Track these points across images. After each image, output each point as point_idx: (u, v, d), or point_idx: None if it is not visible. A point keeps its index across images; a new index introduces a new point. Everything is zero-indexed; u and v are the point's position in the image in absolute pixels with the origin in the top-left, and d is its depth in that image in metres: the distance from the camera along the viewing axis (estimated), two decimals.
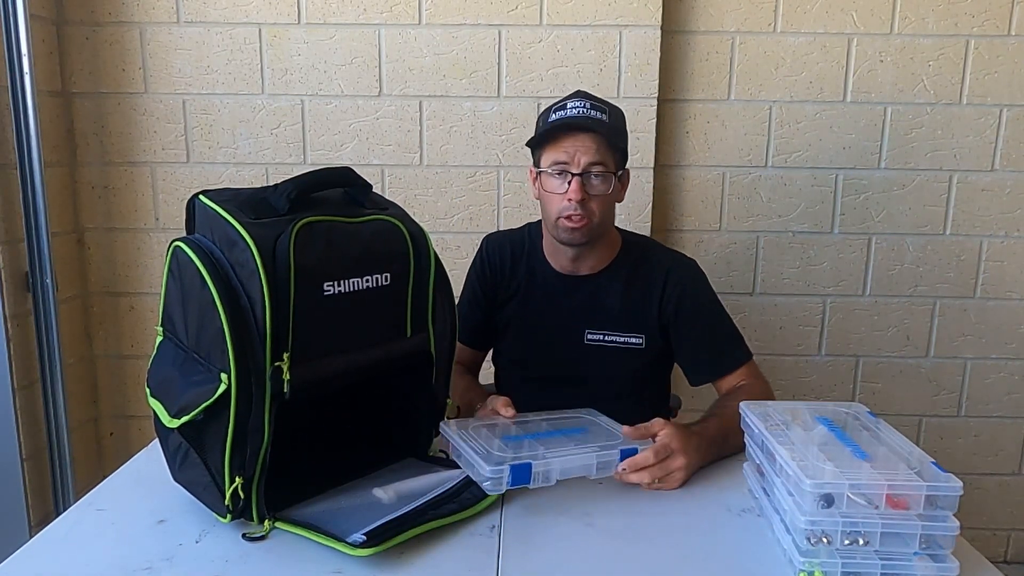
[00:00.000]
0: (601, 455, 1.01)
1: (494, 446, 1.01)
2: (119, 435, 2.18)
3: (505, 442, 1.03)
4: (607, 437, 1.07)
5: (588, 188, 1.29)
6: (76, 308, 2.07)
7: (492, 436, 1.05)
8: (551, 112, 1.36)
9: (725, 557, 0.87)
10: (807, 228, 2.11)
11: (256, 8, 1.96)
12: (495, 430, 1.08)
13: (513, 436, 1.06)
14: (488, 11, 1.94)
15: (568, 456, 0.99)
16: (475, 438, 1.03)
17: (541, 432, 1.09)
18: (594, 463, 1.00)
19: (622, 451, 1.02)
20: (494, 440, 1.03)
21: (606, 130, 1.30)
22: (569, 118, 1.31)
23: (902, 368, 2.18)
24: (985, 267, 2.12)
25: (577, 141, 1.29)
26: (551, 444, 1.03)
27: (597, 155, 1.28)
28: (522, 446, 1.02)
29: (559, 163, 1.30)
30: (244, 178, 2.04)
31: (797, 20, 2.00)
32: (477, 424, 1.11)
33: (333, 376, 0.94)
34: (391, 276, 0.98)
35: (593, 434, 1.09)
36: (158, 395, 0.94)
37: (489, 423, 1.12)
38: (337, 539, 0.85)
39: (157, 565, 0.84)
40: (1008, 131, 2.05)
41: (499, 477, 0.94)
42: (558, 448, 1.01)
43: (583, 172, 1.28)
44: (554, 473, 0.97)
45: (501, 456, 0.97)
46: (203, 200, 0.92)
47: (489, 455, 0.97)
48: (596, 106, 1.33)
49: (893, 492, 0.79)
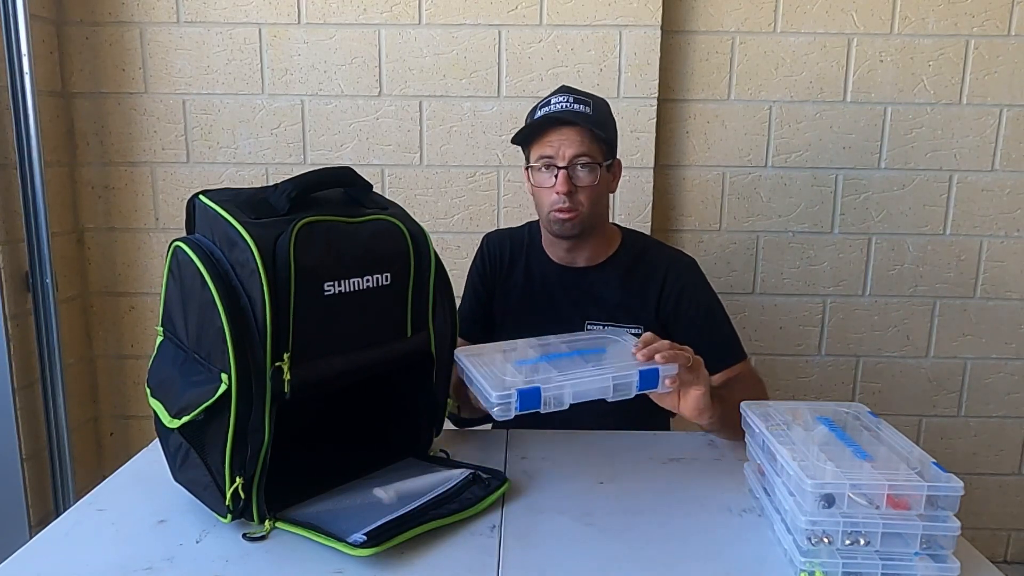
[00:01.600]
0: (618, 376, 0.95)
1: (506, 371, 0.96)
2: (119, 435, 2.18)
3: (518, 366, 0.98)
4: (627, 357, 1.01)
5: (575, 180, 1.33)
6: (76, 308, 2.07)
7: (505, 361, 1.00)
8: (537, 109, 1.39)
9: (726, 557, 0.87)
10: (807, 228, 2.11)
11: (256, 8, 1.96)
12: (509, 355, 1.03)
13: (527, 360, 1.01)
14: (488, 11, 1.94)
15: (582, 379, 0.94)
16: (487, 364, 0.99)
17: (558, 354, 1.03)
18: (610, 385, 0.95)
19: (640, 372, 0.97)
20: (507, 365, 0.99)
21: (590, 122, 1.33)
22: (553, 113, 1.34)
23: (902, 368, 2.18)
24: (985, 267, 2.12)
25: (561, 135, 1.33)
26: (566, 367, 0.98)
27: (581, 147, 1.32)
28: (536, 370, 0.97)
29: (545, 157, 1.34)
30: (244, 178, 2.03)
31: (797, 20, 2.00)
32: (492, 350, 1.06)
33: (333, 376, 0.94)
34: (391, 276, 0.98)
35: (613, 354, 1.03)
36: (158, 395, 0.94)
37: (507, 347, 1.07)
38: (338, 539, 0.85)
39: (157, 565, 0.84)
40: (1008, 131, 2.05)
41: (507, 403, 0.91)
42: (573, 371, 0.96)
43: (569, 165, 1.32)
44: (566, 397, 0.93)
45: (511, 381, 0.93)
46: (203, 200, 0.92)
47: (498, 381, 0.93)
48: (579, 99, 1.36)
49: (894, 492, 0.79)
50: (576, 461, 1.13)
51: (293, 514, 0.92)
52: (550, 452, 1.16)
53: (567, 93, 1.38)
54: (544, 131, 1.34)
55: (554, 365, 0.99)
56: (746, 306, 2.15)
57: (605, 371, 0.97)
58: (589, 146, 1.33)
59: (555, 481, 1.06)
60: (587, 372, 0.97)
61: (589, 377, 0.95)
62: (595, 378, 0.95)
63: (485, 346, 1.09)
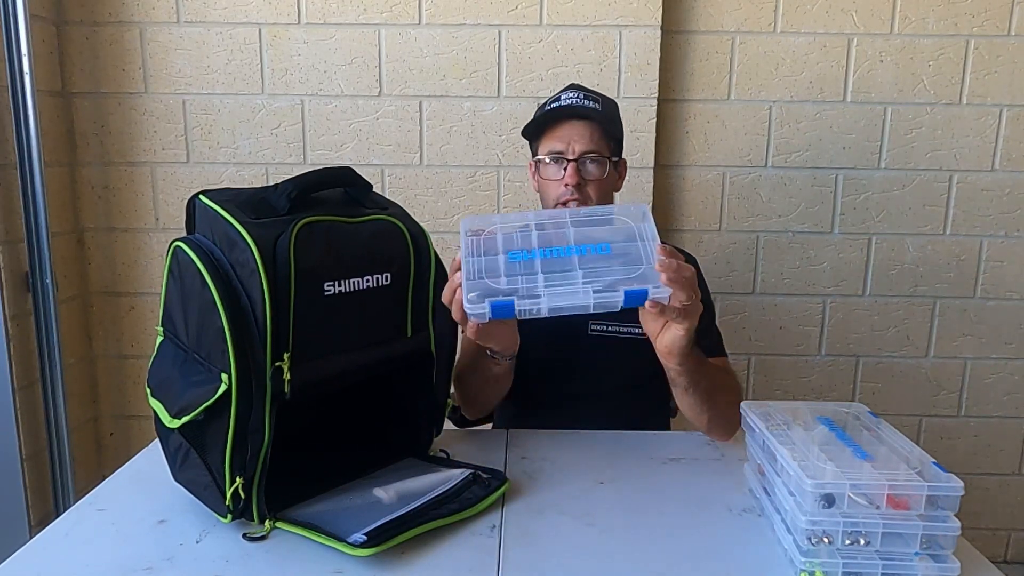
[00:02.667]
0: (600, 296, 0.91)
1: (495, 268, 0.94)
2: (119, 435, 2.18)
3: (510, 262, 0.95)
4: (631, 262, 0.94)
5: (584, 173, 1.33)
6: (76, 308, 2.07)
7: (498, 251, 0.97)
8: (546, 105, 1.40)
9: (726, 557, 0.87)
10: (807, 228, 2.11)
11: (256, 8, 1.96)
12: (510, 240, 0.99)
13: (521, 254, 0.97)
14: (488, 11, 1.94)
15: (563, 293, 0.91)
16: (481, 249, 0.96)
17: (559, 249, 0.97)
18: (591, 303, 0.92)
19: (626, 293, 0.92)
20: (498, 257, 0.96)
21: (600, 117, 1.34)
22: (563, 107, 1.36)
23: (902, 368, 2.18)
24: (985, 267, 2.12)
25: (572, 129, 1.34)
26: (558, 268, 0.94)
27: (591, 142, 1.33)
28: (529, 267, 0.94)
29: (555, 152, 1.34)
30: (244, 178, 2.03)
31: (797, 20, 2.00)
32: (495, 228, 1.01)
33: (334, 376, 0.94)
34: (391, 276, 0.98)
35: (616, 257, 0.96)
36: (158, 395, 0.94)
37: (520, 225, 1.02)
38: (338, 539, 0.85)
39: (157, 565, 0.84)
40: (1008, 131, 2.05)
41: (481, 312, 0.91)
42: (560, 278, 0.93)
43: (578, 158, 1.32)
44: (543, 310, 0.92)
45: (491, 287, 0.92)
46: (203, 200, 0.92)
47: (480, 283, 0.92)
48: (589, 96, 1.38)
49: (894, 492, 0.79)
50: (576, 461, 1.13)
51: (293, 514, 0.92)
52: (550, 452, 1.16)
53: (577, 90, 1.39)
54: (554, 125, 1.35)
55: (546, 265, 0.95)
56: (746, 306, 2.15)
57: (592, 283, 0.92)
58: (599, 141, 1.34)
59: (555, 481, 1.06)
60: (572, 284, 0.92)
61: (571, 291, 0.92)
62: (577, 293, 0.92)
63: (495, 220, 1.03)
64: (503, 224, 1.02)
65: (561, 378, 1.43)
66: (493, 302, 0.91)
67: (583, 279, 0.93)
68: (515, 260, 0.96)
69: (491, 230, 1.01)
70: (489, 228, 1.01)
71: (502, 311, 0.92)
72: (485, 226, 1.01)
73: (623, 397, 1.39)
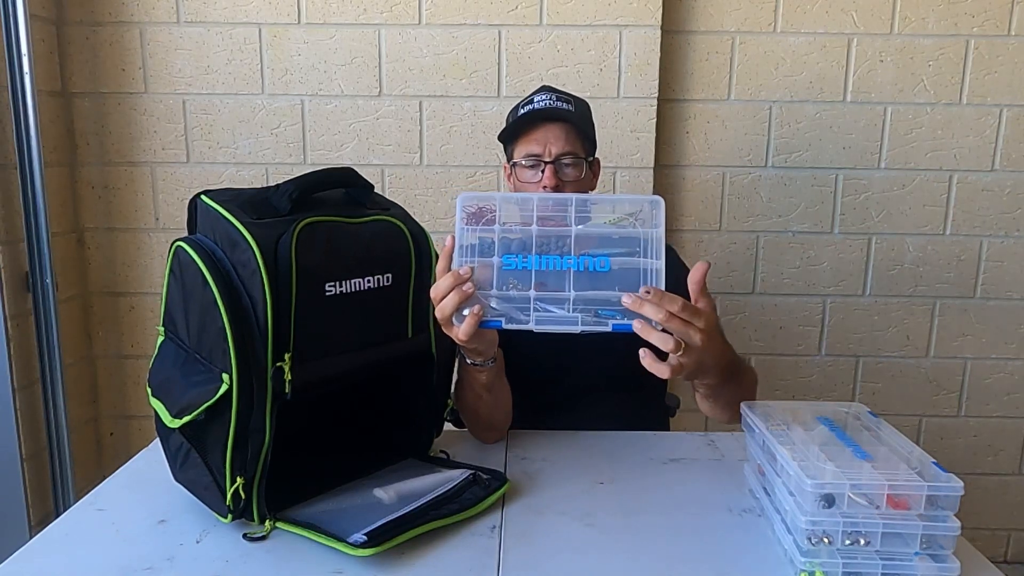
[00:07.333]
0: (588, 327, 0.90)
1: (484, 277, 0.93)
2: (119, 435, 2.18)
3: (504, 268, 0.93)
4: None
5: (561, 175, 1.34)
6: (76, 308, 2.07)
7: (491, 255, 0.94)
8: (519, 108, 1.41)
9: (726, 557, 0.87)
10: (807, 228, 2.11)
11: (256, 8, 1.96)
12: (507, 244, 0.95)
13: (514, 264, 0.94)
14: (488, 11, 1.94)
15: (551, 316, 0.91)
16: (475, 251, 0.94)
17: (555, 259, 0.94)
18: (578, 329, 0.91)
19: (614, 326, 0.90)
20: (492, 261, 0.93)
21: (574, 118, 1.36)
22: (537, 110, 1.37)
23: (902, 368, 2.18)
24: (985, 267, 2.12)
25: (547, 131, 1.35)
26: (551, 284, 0.92)
27: (567, 144, 1.34)
28: (523, 278, 0.93)
29: (532, 155, 1.35)
30: (244, 178, 2.03)
31: (797, 20, 2.00)
32: (495, 207, 0.96)
33: (334, 376, 0.94)
34: (393, 276, 0.98)
35: (613, 276, 0.92)
36: (159, 395, 0.94)
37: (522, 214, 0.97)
38: (338, 539, 0.85)
39: (158, 565, 0.84)
40: (1008, 131, 2.05)
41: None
42: (553, 297, 0.92)
43: (555, 160, 1.34)
44: (532, 328, 0.92)
45: (481, 301, 0.92)
46: (205, 200, 0.92)
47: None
48: (561, 97, 1.39)
49: (894, 492, 0.79)
50: (576, 461, 1.13)
51: (293, 514, 0.92)
52: (550, 452, 1.16)
53: (549, 92, 1.41)
54: (530, 128, 1.36)
55: (540, 277, 0.93)
56: (746, 306, 2.15)
57: (582, 311, 0.91)
58: (574, 143, 1.35)
59: (555, 481, 1.06)
60: (562, 307, 0.92)
61: (560, 317, 0.91)
62: (565, 320, 0.91)
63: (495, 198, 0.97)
64: (504, 207, 0.96)
65: (554, 377, 1.42)
66: (483, 322, 0.93)
67: (574, 304, 0.92)
68: (509, 268, 0.94)
69: (489, 217, 0.96)
70: (488, 207, 0.96)
71: (489, 325, 0.93)
72: (484, 204, 0.96)
73: (617, 397, 1.39)
